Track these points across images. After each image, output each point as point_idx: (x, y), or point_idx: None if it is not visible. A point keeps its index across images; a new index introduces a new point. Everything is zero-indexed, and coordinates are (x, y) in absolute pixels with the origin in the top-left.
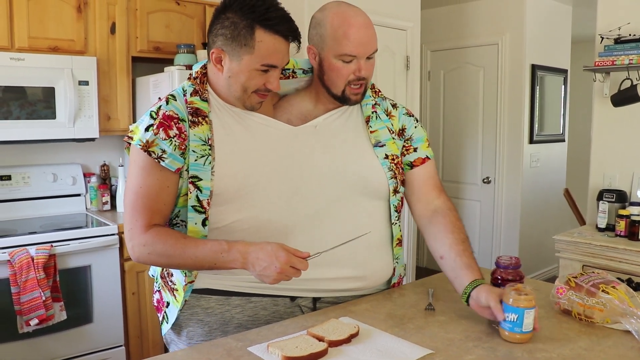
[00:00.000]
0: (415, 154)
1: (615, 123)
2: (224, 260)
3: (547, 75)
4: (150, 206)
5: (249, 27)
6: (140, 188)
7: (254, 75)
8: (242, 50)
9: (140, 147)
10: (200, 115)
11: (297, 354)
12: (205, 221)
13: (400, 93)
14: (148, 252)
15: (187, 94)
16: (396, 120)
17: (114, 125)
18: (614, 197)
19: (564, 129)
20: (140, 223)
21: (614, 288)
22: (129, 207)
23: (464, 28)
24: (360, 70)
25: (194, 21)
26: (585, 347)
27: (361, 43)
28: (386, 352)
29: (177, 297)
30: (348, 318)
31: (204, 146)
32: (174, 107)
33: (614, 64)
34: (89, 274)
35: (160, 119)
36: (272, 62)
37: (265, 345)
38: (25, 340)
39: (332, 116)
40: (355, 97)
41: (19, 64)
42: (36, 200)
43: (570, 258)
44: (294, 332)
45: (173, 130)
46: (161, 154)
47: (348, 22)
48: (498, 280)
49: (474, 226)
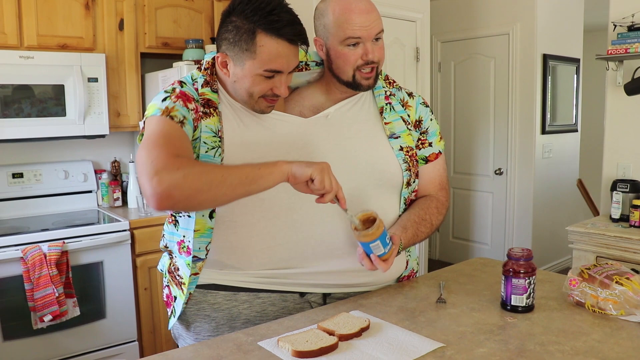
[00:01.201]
0: (430, 149)
1: (629, 112)
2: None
3: (559, 64)
4: (174, 144)
5: (251, 32)
6: (160, 131)
7: (259, 80)
8: (244, 55)
9: (160, 114)
10: (212, 107)
11: (307, 348)
12: (212, 213)
13: (410, 85)
14: (184, 174)
15: (197, 84)
16: (413, 110)
17: (124, 121)
18: (627, 187)
19: (576, 119)
20: (166, 151)
21: (627, 279)
22: (148, 146)
23: (474, 18)
24: (367, 53)
25: (202, 16)
26: (599, 340)
27: (363, 25)
28: (397, 346)
29: (184, 290)
30: (358, 312)
31: (214, 138)
32: (189, 90)
33: (628, 52)
34: (101, 270)
35: (177, 94)
36: (275, 67)
37: (275, 339)
38: (39, 336)
39: (344, 107)
40: (366, 81)
41: (28, 62)
42: (48, 198)
43: (583, 249)
44: (304, 326)
45: (192, 104)
46: (182, 119)
47: (348, 8)
48: (510, 272)
49: (487, 218)
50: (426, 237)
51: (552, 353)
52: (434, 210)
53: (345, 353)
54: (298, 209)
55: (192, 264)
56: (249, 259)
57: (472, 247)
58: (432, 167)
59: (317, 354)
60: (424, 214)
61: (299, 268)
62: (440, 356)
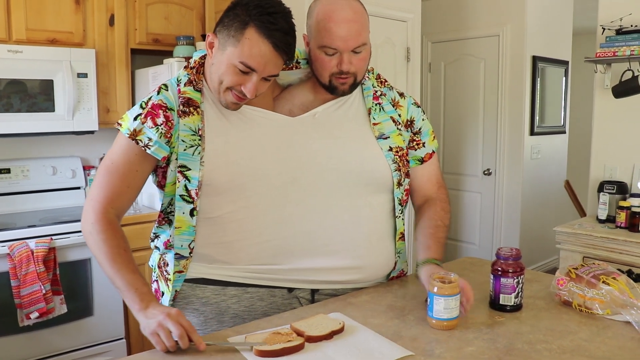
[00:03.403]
0: (424, 149)
1: (616, 115)
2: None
3: (548, 66)
4: (113, 183)
5: (244, 23)
6: (111, 164)
7: (232, 71)
8: (229, 40)
9: (127, 136)
10: (192, 106)
11: (269, 348)
12: (193, 211)
13: (400, 85)
14: (87, 238)
15: (181, 83)
16: (404, 110)
17: (113, 117)
18: (614, 189)
19: (564, 120)
20: (97, 198)
21: (614, 279)
22: (96, 179)
23: (465, 19)
24: (341, 64)
25: (193, 13)
26: (586, 339)
27: (341, 37)
28: (364, 351)
29: (169, 287)
30: (338, 314)
31: (193, 136)
32: (164, 97)
33: (615, 55)
34: (89, 266)
35: (149, 109)
36: (251, 63)
37: (243, 336)
38: (25, 333)
39: (332, 106)
40: (342, 87)
41: (17, 57)
42: (36, 194)
43: (570, 250)
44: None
45: (160, 118)
46: (147, 142)
47: (330, 16)
48: (498, 272)
49: (475, 218)
50: (446, 239)
51: (540, 351)
52: (441, 213)
53: (307, 354)
54: (285, 205)
55: (175, 261)
56: (237, 254)
57: (460, 247)
58: (429, 166)
59: (279, 354)
60: (435, 221)
61: (287, 264)
62: (429, 355)
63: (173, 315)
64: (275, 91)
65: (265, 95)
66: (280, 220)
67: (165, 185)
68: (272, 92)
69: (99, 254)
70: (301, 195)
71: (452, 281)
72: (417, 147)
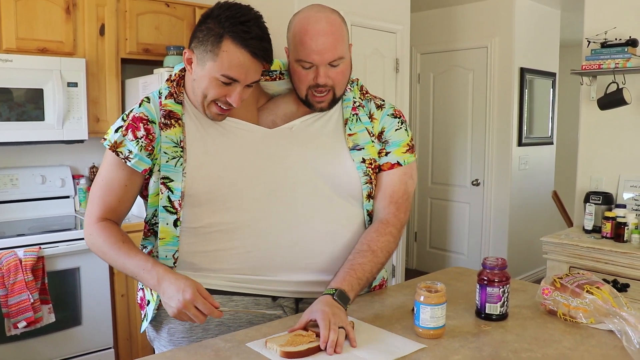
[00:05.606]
0: (385, 159)
1: (602, 126)
2: (143, 277)
3: (536, 78)
4: (105, 199)
5: (219, 36)
6: (101, 181)
7: (215, 84)
8: (207, 55)
9: (109, 148)
10: (173, 118)
11: (295, 349)
12: (176, 222)
13: (389, 96)
14: (91, 242)
15: (162, 96)
16: (377, 122)
17: (103, 127)
18: (600, 200)
19: (552, 131)
20: (93, 213)
21: (598, 289)
22: (90, 196)
23: (454, 31)
24: (317, 77)
25: (183, 23)
26: (570, 347)
27: (315, 51)
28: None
29: (154, 296)
30: None
31: (175, 148)
32: (145, 110)
33: (601, 68)
34: (77, 276)
35: (130, 121)
36: (232, 74)
37: (263, 341)
38: (13, 343)
39: (310, 118)
40: (318, 104)
41: (7, 66)
42: (24, 202)
43: (557, 259)
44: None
45: (140, 131)
46: (128, 155)
47: (305, 29)
48: (484, 281)
49: (463, 228)
50: (378, 266)
51: None
52: (373, 235)
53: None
54: (264, 218)
55: None
56: (220, 264)
57: (449, 256)
58: (385, 177)
59: (305, 354)
60: (360, 245)
61: (270, 275)
62: None
63: (188, 301)
64: (261, 101)
65: (249, 105)
66: (259, 232)
67: (148, 196)
68: (257, 102)
69: (103, 254)
70: (279, 208)
71: (439, 290)
72: (379, 155)
